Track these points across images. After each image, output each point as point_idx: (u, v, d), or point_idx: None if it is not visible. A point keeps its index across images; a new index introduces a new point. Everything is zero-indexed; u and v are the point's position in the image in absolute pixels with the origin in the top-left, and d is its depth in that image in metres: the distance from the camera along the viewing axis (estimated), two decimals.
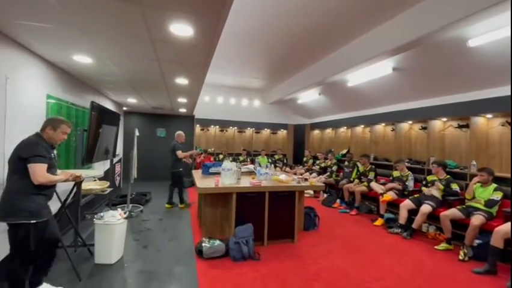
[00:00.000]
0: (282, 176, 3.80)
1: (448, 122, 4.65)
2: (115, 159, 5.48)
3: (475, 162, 3.93)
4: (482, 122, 4.06)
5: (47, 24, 2.03)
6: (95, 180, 4.01)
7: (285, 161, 8.72)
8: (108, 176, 4.82)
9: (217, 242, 3.00)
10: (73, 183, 2.80)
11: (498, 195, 3.26)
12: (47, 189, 2.02)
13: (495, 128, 3.97)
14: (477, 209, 3.33)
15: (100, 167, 4.78)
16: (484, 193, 3.40)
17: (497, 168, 3.81)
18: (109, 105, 5.43)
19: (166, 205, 5.06)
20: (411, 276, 2.72)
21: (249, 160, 7.95)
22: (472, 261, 3.08)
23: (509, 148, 3.76)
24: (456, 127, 4.49)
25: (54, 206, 2.83)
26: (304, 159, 8.11)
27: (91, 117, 3.39)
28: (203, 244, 2.97)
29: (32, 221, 1.87)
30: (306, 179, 3.97)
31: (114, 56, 2.79)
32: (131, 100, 5.74)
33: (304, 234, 3.80)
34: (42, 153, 1.93)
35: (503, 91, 3.72)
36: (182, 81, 3.72)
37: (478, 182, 3.47)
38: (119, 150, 6.42)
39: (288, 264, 2.88)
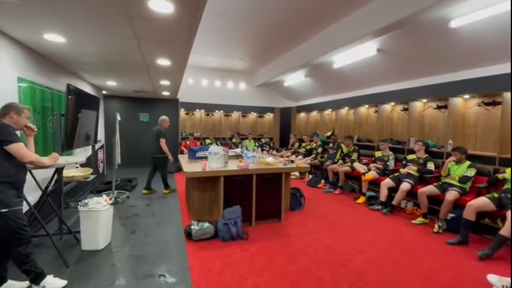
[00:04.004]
0: (269, 159, 3.85)
1: (428, 103, 4.81)
2: (97, 145, 5.31)
3: (451, 142, 4.13)
4: (459, 103, 4.22)
5: None
6: (77, 167, 3.89)
7: (271, 145, 8.79)
8: (91, 162, 4.70)
9: (206, 224, 3.05)
10: (53, 170, 2.72)
11: (472, 172, 3.47)
12: (13, 177, 1.92)
13: (471, 109, 4.15)
14: (452, 185, 3.55)
15: (82, 154, 4.63)
16: (458, 170, 3.60)
17: (472, 147, 4.03)
18: (87, 89, 5.17)
19: (144, 191, 4.91)
20: (390, 248, 2.91)
21: (240, 145, 7.94)
22: (445, 233, 3.32)
23: (485, 128, 3.97)
24: (435, 108, 4.66)
25: (35, 194, 2.76)
26: (291, 141, 8.21)
27: (68, 101, 3.23)
28: (192, 227, 3.00)
29: (2, 210, 1.81)
30: (292, 161, 4.04)
31: (89, 35, 2.61)
32: (111, 83, 5.49)
33: (290, 214, 3.92)
34: (16, 133, 1.91)
35: (481, 72, 3.84)
36: (164, 62, 3.58)
37: (453, 160, 3.67)
38: (101, 136, 6.21)
39: (276, 242, 2.99)
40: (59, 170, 2.78)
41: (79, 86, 4.46)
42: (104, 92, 6.78)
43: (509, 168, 3.12)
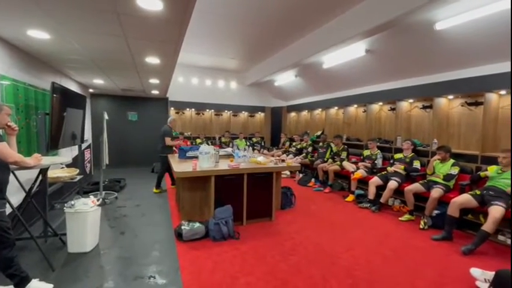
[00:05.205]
0: (260, 158, 3.86)
1: (414, 103, 4.93)
2: (84, 145, 5.19)
3: (436, 141, 4.26)
4: (444, 103, 4.35)
5: None
6: (62, 167, 3.79)
7: (262, 144, 8.80)
8: (77, 162, 4.58)
9: (197, 225, 3.03)
10: (37, 171, 2.64)
11: (455, 170, 3.59)
12: None
13: (455, 109, 4.29)
14: (436, 182, 3.66)
15: (68, 154, 4.51)
16: (442, 168, 3.72)
17: (455, 146, 4.16)
18: (73, 87, 5.04)
19: (173, 187, 5.10)
20: (378, 245, 2.97)
21: (231, 144, 7.92)
22: (431, 229, 3.42)
23: (468, 127, 4.11)
24: (421, 108, 4.79)
25: (19, 195, 2.67)
26: (282, 140, 8.26)
27: (52, 100, 3.13)
28: (182, 227, 2.98)
29: None
30: (283, 160, 4.07)
31: (75, 32, 2.54)
32: (98, 81, 5.36)
33: (281, 213, 3.94)
34: None
35: (464, 73, 3.98)
36: (153, 60, 3.52)
37: (438, 159, 3.78)
38: (88, 135, 6.06)
39: (266, 241, 3.00)
40: (43, 171, 2.70)
41: (65, 84, 4.34)
42: (91, 90, 6.62)
43: (492, 166, 3.25)
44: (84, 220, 2.61)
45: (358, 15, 3.80)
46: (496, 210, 2.76)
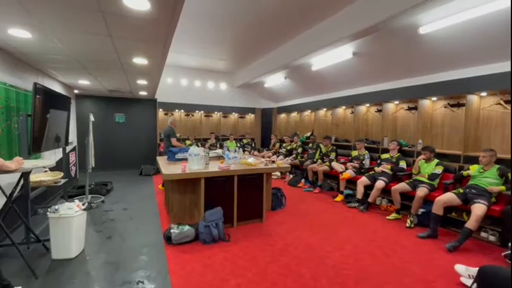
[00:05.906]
0: (251, 160, 3.85)
1: (400, 104, 5.06)
2: (69, 148, 5.04)
3: (421, 141, 4.38)
4: (428, 104, 4.49)
5: None
6: (46, 171, 3.66)
7: (253, 145, 8.81)
8: (62, 166, 4.44)
9: (187, 227, 2.99)
10: (18, 174, 2.54)
11: (439, 169, 3.70)
12: None
13: (438, 110, 4.43)
14: (422, 182, 3.76)
15: (51, 157, 4.36)
16: (427, 168, 3.83)
17: (439, 146, 4.30)
18: (57, 88, 4.88)
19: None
20: (366, 244, 3.02)
21: (218, 145, 7.87)
22: (417, 227, 3.51)
23: (451, 128, 4.25)
24: (406, 109, 4.92)
25: None
26: (272, 141, 8.29)
27: (35, 101, 3.02)
28: (171, 230, 2.93)
29: None
30: (273, 162, 4.08)
31: (58, 31, 2.47)
32: (83, 82, 5.22)
33: (272, 214, 3.95)
34: None
35: (447, 76, 4.13)
36: (140, 61, 3.47)
37: (423, 159, 3.89)
38: (73, 137, 5.89)
39: (257, 242, 3.00)
40: (25, 175, 2.60)
41: (48, 84, 4.21)
42: (76, 91, 6.44)
43: (474, 166, 3.37)
44: (69, 225, 2.53)
45: (344, 19, 3.87)
46: (479, 208, 2.87)
